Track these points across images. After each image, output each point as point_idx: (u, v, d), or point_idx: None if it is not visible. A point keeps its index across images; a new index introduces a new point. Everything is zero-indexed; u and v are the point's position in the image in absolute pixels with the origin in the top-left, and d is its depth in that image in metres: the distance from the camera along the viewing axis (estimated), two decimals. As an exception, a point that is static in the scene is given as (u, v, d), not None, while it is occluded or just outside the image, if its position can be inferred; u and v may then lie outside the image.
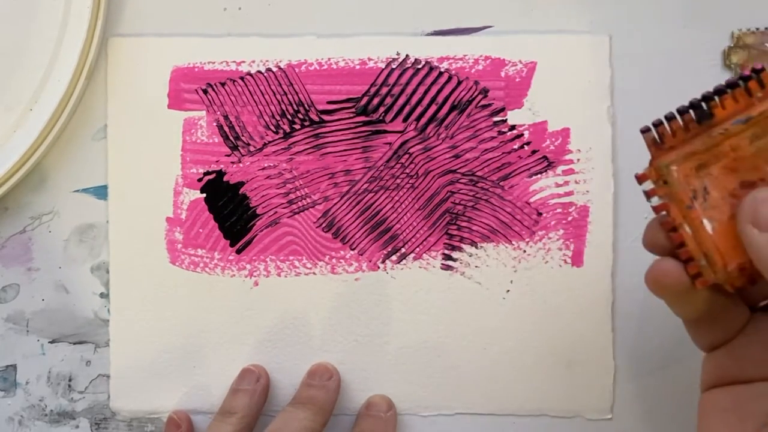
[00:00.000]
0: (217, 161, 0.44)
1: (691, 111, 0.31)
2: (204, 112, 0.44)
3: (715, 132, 0.31)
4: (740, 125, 0.30)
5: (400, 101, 0.44)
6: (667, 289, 0.32)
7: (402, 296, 0.44)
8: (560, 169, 0.44)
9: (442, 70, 0.44)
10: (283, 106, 0.44)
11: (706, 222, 0.31)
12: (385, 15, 0.44)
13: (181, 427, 0.43)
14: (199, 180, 0.44)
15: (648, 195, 0.32)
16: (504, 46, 0.44)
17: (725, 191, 0.31)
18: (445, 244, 0.44)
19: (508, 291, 0.44)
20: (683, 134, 0.31)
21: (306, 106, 0.44)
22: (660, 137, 0.32)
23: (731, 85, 0.31)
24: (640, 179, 0.32)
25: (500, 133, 0.44)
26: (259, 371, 0.43)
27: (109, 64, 0.44)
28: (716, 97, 0.31)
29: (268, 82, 0.44)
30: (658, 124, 0.32)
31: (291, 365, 0.44)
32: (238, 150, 0.44)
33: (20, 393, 0.45)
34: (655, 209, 0.32)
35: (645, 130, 0.32)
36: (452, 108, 0.44)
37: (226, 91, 0.44)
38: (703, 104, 0.31)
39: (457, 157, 0.44)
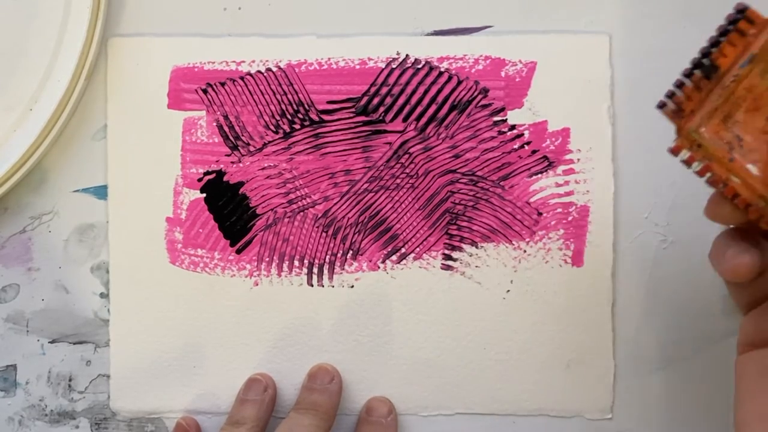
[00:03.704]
0: (217, 161, 0.44)
1: (697, 70, 0.31)
2: (204, 112, 0.44)
3: (726, 81, 0.31)
4: (747, 66, 0.31)
5: (400, 101, 0.44)
6: (743, 279, 0.32)
7: (402, 296, 0.44)
8: (560, 168, 0.44)
9: (442, 69, 0.44)
10: (283, 106, 0.44)
11: (750, 167, 0.31)
12: (385, 15, 0.44)
13: None
14: (199, 180, 0.44)
15: (687, 163, 0.32)
16: (504, 46, 0.44)
17: (757, 131, 0.31)
18: (445, 244, 0.44)
19: (508, 291, 0.44)
20: (698, 95, 0.31)
21: (306, 105, 0.44)
22: (678, 107, 0.32)
23: (724, 32, 0.31)
24: (675, 151, 0.32)
25: (500, 132, 0.44)
26: (266, 381, 0.43)
27: (109, 64, 0.44)
28: (714, 49, 0.31)
29: (268, 82, 0.44)
30: (671, 95, 0.32)
31: (291, 365, 0.44)
32: (238, 150, 0.44)
33: (20, 393, 0.45)
34: (699, 173, 0.32)
35: (662, 105, 0.32)
36: (452, 108, 0.44)
37: (226, 90, 0.44)
38: (705, 60, 0.31)
39: (457, 157, 0.44)
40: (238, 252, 0.44)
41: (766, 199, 0.31)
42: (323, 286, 0.44)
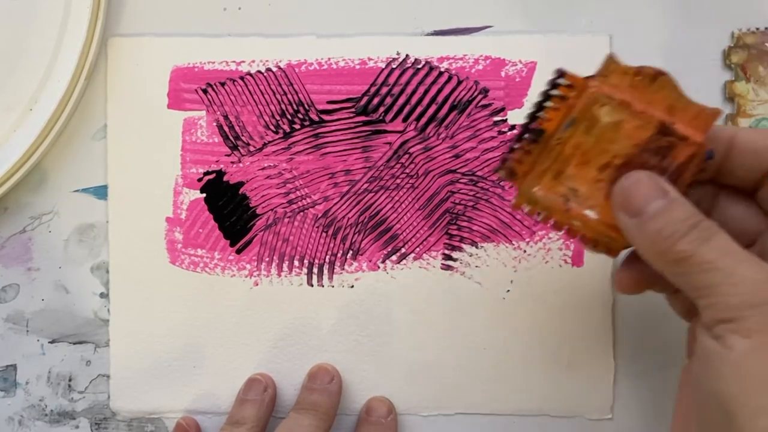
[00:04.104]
0: (217, 161, 0.44)
1: (526, 135, 0.33)
2: (204, 112, 0.44)
3: (552, 144, 0.33)
4: (570, 129, 0.33)
5: (400, 101, 0.44)
6: (626, 292, 0.36)
7: (402, 296, 0.44)
8: (560, 169, 0.44)
9: (442, 70, 0.44)
10: (283, 106, 0.44)
11: (587, 212, 0.33)
12: (385, 15, 0.44)
13: None
14: (199, 180, 0.44)
15: (530, 214, 0.34)
16: (504, 46, 0.44)
17: (590, 181, 0.33)
18: (445, 244, 0.44)
19: (508, 291, 0.44)
20: (529, 157, 0.33)
21: (306, 105, 0.44)
22: (512, 171, 0.34)
23: (546, 97, 0.33)
24: (516, 207, 0.34)
25: (500, 132, 0.44)
26: (266, 381, 0.43)
27: (109, 64, 0.44)
28: (539, 114, 0.33)
29: (268, 82, 0.44)
30: (505, 160, 0.34)
31: (291, 365, 0.44)
32: (238, 150, 0.44)
33: (20, 393, 0.45)
34: (543, 221, 0.34)
35: (497, 170, 0.34)
36: (452, 108, 0.44)
37: (226, 90, 0.44)
38: (532, 125, 0.33)
39: (457, 157, 0.44)
40: (238, 252, 0.44)
41: (608, 236, 0.33)
42: (323, 286, 0.44)
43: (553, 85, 0.33)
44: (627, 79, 0.33)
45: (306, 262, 0.44)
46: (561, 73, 0.33)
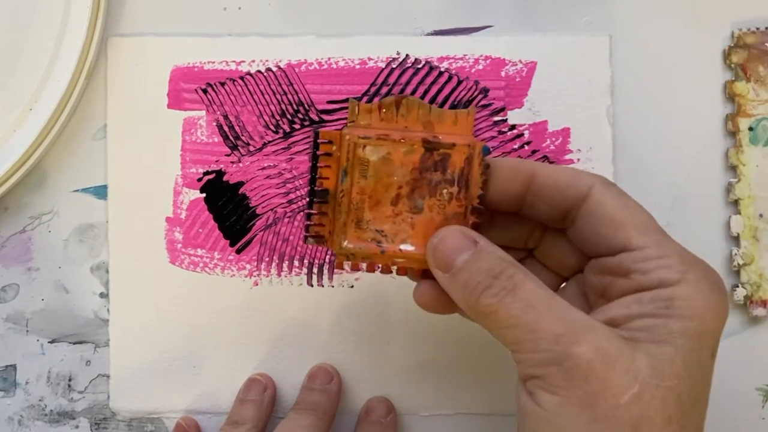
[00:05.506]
0: (216, 161, 0.44)
1: (315, 199, 0.34)
2: (204, 112, 0.44)
3: (339, 198, 0.33)
4: (347, 179, 0.33)
5: (400, 101, 0.44)
6: (426, 309, 0.35)
7: (402, 296, 0.44)
8: (560, 168, 0.44)
9: (442, 69, 0.44)
10: (283, 106, 0.44)
11: (403, 247, 0.34)
12: (385, 15, 0.44)
13: None
14: (199, 180, 0.44)
15: (355, 269, 0.35)
16: (504, 46, 0.44)
17: (389, 218, 0.34)
18: (445, 243, 0.44)
19: (508, 291, 0.44)
20: (326, 218, 0.34)
21: (306, 105, 0.44)
22: (319, 237, 0.34)
23: (314, 158, 0.33)
24: (338, 267, 0.35)
25: (500, 132, 0.44)
26: (266, 381, 0.43)
27: (109, 64, 0.44)
28: (316, 176, 0.34)
29: (268, 81, 0.44)
30: (307, 228, 0.34)
31: (291, 365, 0.44)
32: (238, 150, 0.44)
33: (20, 393, 0.45)
34: (368, 270, 0.34)
35: (306, 240, 0.34)
36: (452, 108, 0.44)
37: (225, 90, 0.44)
38: (315, 188, 0.34)
39: (457, 156, 0.44)
40: (238, 252, 0.44)
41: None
42: (323, 286, 0.44)
43: (316, 146, 0.34)
44: (374, 115, 0.34)
45: (306, 262, 0.44)
46: (316, 134, 0.33)
